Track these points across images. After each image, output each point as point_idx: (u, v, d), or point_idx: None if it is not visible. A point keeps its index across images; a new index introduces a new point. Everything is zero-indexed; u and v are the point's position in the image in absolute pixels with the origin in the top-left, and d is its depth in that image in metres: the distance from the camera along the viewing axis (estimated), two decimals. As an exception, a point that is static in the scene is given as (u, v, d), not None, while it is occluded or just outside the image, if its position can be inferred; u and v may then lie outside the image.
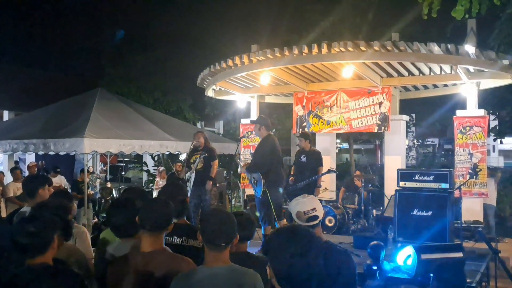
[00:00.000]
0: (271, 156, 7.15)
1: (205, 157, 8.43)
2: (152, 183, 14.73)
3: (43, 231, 2.69)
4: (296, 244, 2.00)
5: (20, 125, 11.00)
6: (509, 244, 8.19)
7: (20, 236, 2.65)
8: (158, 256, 2.87)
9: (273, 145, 7.21)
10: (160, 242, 2.95)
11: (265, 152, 7.18)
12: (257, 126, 7.38)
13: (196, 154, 8.50)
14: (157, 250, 2.89)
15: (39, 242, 2.66)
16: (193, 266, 2.87)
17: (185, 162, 8.88)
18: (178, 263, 2.88)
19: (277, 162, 7.28)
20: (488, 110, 11.01)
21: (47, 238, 2.70)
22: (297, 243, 2.01)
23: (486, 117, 9.10)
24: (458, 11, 5.96)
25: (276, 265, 2.02)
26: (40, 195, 4.11)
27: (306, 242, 2.02)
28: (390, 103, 9.57)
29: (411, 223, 7.35)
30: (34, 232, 2.64)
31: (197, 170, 8.33)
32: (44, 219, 2.77)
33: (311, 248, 2.01)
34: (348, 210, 9.66)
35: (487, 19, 8.56)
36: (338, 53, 7.92)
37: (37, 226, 2.67)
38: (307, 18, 15.43)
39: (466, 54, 7.56)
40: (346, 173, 15.76)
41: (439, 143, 35.00)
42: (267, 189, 7.01)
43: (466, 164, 8.89)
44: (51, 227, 2.76)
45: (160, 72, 17.72)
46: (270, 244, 2.10)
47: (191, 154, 8.59)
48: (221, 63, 9.26)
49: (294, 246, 1.99)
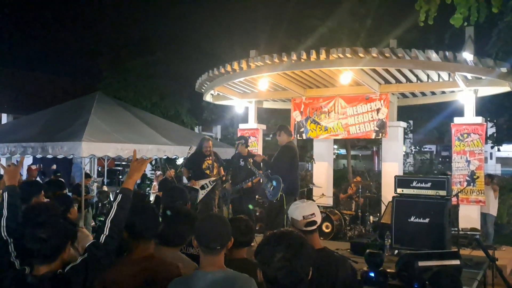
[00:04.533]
0: (290, 163, 7.26)
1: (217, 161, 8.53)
2: (149, 187, 14.71)
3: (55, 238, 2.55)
4: (285, 249, 2.02)
5: (18, 128, 10.99)
6: (506, 252, 8.19)
7: (30, 241, 2.51)
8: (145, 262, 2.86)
9: (294, 153, 7.36)
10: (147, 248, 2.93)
11: (286, 159, 7.28)
12: (277, 132, 7.56)
13: (208, 159, 8.47)
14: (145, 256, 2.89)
15: (49, 250, 2.52)
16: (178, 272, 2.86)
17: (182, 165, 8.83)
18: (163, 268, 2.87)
19: (296, 170, 7.38)
20: (486, 117, 11.06)
21: (59, 246, 2.57)
22: (287, 248, 2.03)
23: (484, 124, 9.12)
24: (456, 19, 5.96)
25: (264, 268, 2.05)
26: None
27: (295, 248, 2.04)
28: (388, 110, 9.58)
29: (408, 229, 7.33)
30: (44, 239, 2.50)
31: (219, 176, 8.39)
32: (58, 225, 2.62)
33: (300, 254, 2.03)
34: (345, 216, 9.66)
35: (485, 26, 8.60)
36: (336, 59, 7.93)
37: (49, 232, 2.52)
38: (305, 24, 15.48)
39: (464, 61, 7.58)
40: (343, 179, 15.76)
41: (436, 150, 35.08)
42: (284, 195, 7.04)
43: (464, 171, 8.91)
44: (65, 233, 2.63)
45: (158, 76, 17.73)
46: (260, 247, 2.13)
47: (199, 159, 8.51)
48: (219, 68, 9.27)
49: (283, 251, 2.01)
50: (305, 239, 2.17)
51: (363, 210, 10.08)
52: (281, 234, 2.18)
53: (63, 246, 2.60)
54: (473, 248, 7.55)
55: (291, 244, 2.05)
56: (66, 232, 2.66)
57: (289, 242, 2.06)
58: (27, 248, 2.53)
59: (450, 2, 5.93)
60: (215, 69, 9.42)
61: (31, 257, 2.54)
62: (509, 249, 8.51)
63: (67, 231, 2.66)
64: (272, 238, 2.13)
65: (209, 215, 3.15)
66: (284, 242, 2.06)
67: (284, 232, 2.22)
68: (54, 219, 2.72)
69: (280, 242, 2.06)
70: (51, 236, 2.53)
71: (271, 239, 2.12)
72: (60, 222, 2.67)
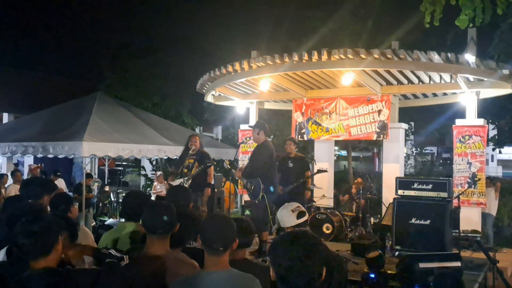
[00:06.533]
0: (268, 162, 7.16)
1: (199, 161, 8.07)
2: (150, 188, 14.70)
3: (46, 231, 2.57)
4: (297, 249, 2.01)
5: (19, 127, 11.00)
6: (507, 254, 8.17)
7: (22, 237, 2.54)
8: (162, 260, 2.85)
9: (271, 151, 7.23)
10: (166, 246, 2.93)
11: (263, 158, 7.18)
12: (255, 131, 7.34)
13: (190, 158, 8.16)
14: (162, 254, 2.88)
15: (41, 243, 2.55)
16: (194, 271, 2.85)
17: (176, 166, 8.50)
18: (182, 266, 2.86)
19: (273, 168, 7.30)
20: (487, 119, 11.03)
21: (50, 239, 2.59)
22: (299, 247, 2.01)
23: (486, 126, 9.11)
24: (462, 20, 5.91)
25: (276, 267, 2.05)
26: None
27: (308, 248, 2.02)
28: (389, 111, 9.57)
29: (409, 231, 7.32)
30: (36, 232, 2.53)
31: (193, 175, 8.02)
32: (47, 219, 2.66)
33: (313, 255, 2.01)
34: (345, 218, 9.64)
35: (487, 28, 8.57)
36: (338, 60, 7.93)
37: (39, 226, 2.56)
38: (306, 24, 15.45)
39: (466, 63, 7.57)
40: (344, 180, 15.74)
41: (437, 152, 35.08)
42: (265, 194, 7.03)
43: (465, 173, 8.90)
44: (54, 227, 2.65)
45: (159, 76, 17.71)
46: (273, 245, 2.13)
47: (183, 158, 8.27)
48: (221, 69, 9.27)
49: (295, 250, 2.00)
50: (319, 240, 2.16)
51: (363, 212, 10.07)
52: (295, 233, 2.17)
53: (56, 238, 2.62)
54: (474, 250, 7.54)
55: (304, 244, 2.04)
56: (56, 224, 2.68)
57: (303, 242, 2.05)
58: (20, 245, 2.54)
59: (455, 3, 5.90)
60: (216, 69, 9.42)
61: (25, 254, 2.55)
62: (510, 251, 8.48)
63: (57, 223, 2.69)
64: (286, 237, 2.12)
65: (214, 215, 3.16)
66: (298, 242, 2.05)
67: (298, 232, 2.22)
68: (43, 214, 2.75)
69: (293, 242, 2.05)
70: (43, 229, 2.55)
71: (285, 238, 2.12)
72: (48, 215, 2.70)
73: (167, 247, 2.93)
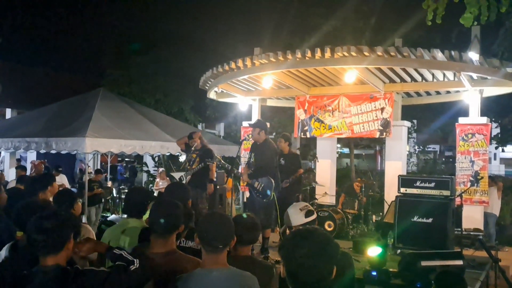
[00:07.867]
0: (272, 160, 7.13)
1: (201, 157, 7.91)
2: (152, 184, 14.72)
3: (59, 228, 2.52)
4: (308, 246, 2.00)
5: (22, 123, 11.03)
6: (509, 253, 8.17)
7: (34, 233, 2.49)
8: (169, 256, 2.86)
9: (274, 150, 7.22)
10: (171, 244, 2.93)
11: (271, 156, 7.15)
12: (256, 130, 7.28)
13: (193, 153, 8.04)
14: (168, 251, 2.88)
15: (53, 240, 2.50)
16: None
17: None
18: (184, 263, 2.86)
19: (276, 166, 7.29)
20: (491, 117, 11.00)
21: (63, 236, 2.55)
22: (311, 245, 2.00)
23: (489, 124, 9.09)
24: (466, 18, 5.86)
25: (287, 263, 2.03)
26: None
27: (320, 245, 2.01)
28: (392, 109, 9.55)
29: (411, 229, 7.33)
30: (49, 229, 2.48)
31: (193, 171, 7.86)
32: (62, 216, 2.61)
33: (324, 252, 2.00)
34: (347, 215, 9.64)
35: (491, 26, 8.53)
36: (341, 57, 7.91)
37: (53, 223, 2.51)
38: (309, 22, 15.42)
39: (470, 61, 7.55)
40: (346, 178, 15.73)
41: (440, 150, 35.02)
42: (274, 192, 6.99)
43: (468, 171, 8.88)
44: (68, 224, 2.61)
45: (162, 73, 17.74)
46: (285, 242, 2.11)
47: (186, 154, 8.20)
48: (223, 66, 9.25)
49: (307, 247, 1.99)
50: (331, 238, 2.14)
51: (366, 209, 10.07)
52: (306, 230, 2.15)
53: (68, 236, 2.59)
54: (476, 248, 7.54)
55: (316, 241, 2.02)
56: (70, 222, 2.65)
57: (314, 239, 2.04)
58: (31, 240, 2.51)
59: (458, 1, 5.87)
60: (219, 66, 9.41)
61: (36, 249, 2.51)
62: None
63: (70, 221, 2.66)
64: (297, 234, 2.11)
65: (212, 213, 3.15)
66: (309, 239, 2.03)
67: (310, 229, 2.20)
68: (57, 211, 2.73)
69: (305, 239, 2.04)
70: (56, 226, 2.51)
71: (296, 235, 2.10)
72: (62, 213, 2.67)
73: (173, 245, 2.93)
